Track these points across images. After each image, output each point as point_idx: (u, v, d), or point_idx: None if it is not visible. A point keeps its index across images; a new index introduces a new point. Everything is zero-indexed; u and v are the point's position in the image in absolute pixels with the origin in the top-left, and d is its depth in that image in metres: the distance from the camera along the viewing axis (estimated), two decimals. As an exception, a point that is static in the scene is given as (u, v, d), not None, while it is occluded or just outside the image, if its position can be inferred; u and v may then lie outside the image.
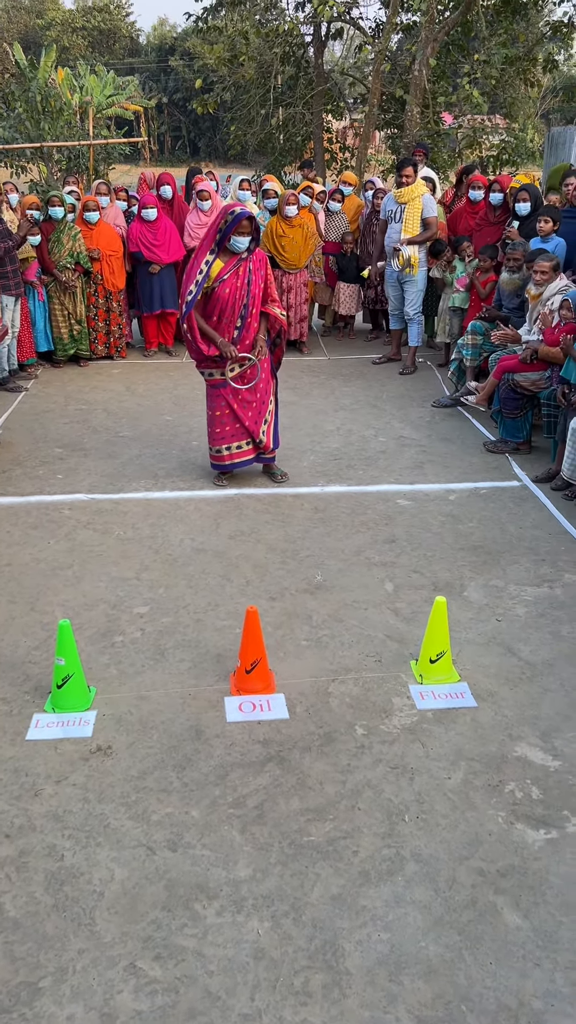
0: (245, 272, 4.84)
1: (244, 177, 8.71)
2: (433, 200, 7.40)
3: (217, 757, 2.95)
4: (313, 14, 15.02)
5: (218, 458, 5.23)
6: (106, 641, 3.65)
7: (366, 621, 3.77)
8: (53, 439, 6.05)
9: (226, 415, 5.11)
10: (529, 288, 5.83)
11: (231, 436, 5.16)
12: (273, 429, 5.26)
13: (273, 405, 5.23)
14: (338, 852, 2.56)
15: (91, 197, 7.68)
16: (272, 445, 5.27)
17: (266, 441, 5.21)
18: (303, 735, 3.06)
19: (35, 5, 45.70)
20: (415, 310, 7.60)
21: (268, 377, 5.14)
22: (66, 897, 2.41)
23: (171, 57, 41.07)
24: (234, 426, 5.13)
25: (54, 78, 21.23)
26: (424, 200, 7.27)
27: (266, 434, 5.19)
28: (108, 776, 2.86)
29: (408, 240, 7.29)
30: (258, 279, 4.89)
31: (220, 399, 5.10)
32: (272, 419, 5.24)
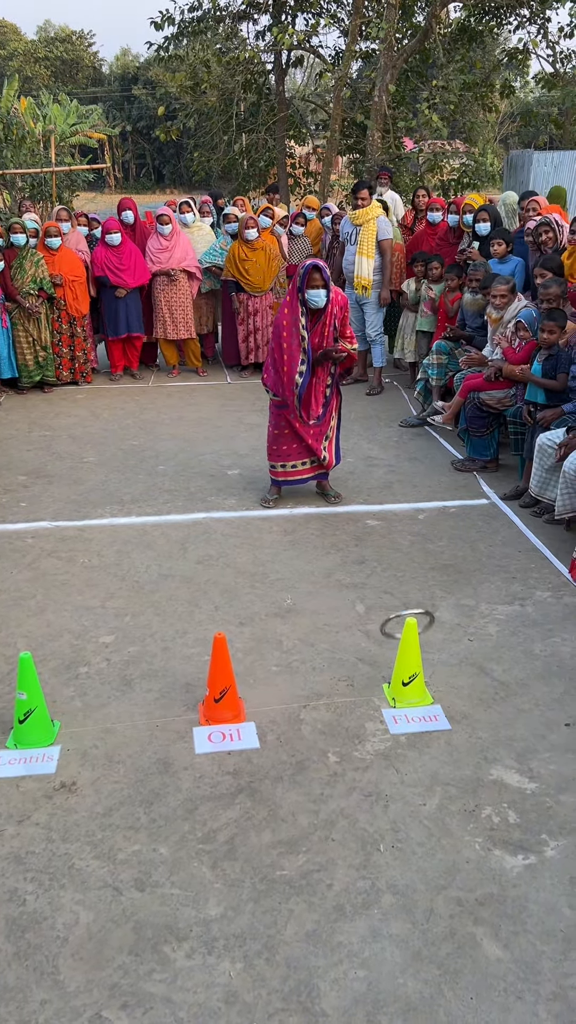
0: (330, 323, 4.84)
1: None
2: (388, 223, 7.44)
3: (185, 791, 2.86)
4: (273, 43, 15.22)
5: (275, 473, 5.23)
6: (70, 673, 3.54)
7: (337, 644, 3.71)
8: (16, 466, 5.94)
9: (286, 434, 5.10)
10: (489, 311, 5.87)
11: (291, 455, 5.14)
12: (335, 445, 5.22)
13: (336, 421, 5.18)
14: (312, 886, 2.47)
15: (52, 223, 7.63)
16: (335, 461, 5.23)
17: (329, 458, 5.18)
18: (274, 764, 2.97)
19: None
20: (376, 331, 7.63)
21: (331, 395, 5.09)
22: (28, 944, 2.30)
23: (134, 86, 41.32)
24: (296, 445, 5.11)
25: (17, 108, 21.25)
26: (379, 223, 7.32)
27: (327, 450, 5.16)
28: (72, 814, 2.76)
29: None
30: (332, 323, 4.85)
31: (282, 418, 5.08)
32: (334, 435, 5.19)
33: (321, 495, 5.36)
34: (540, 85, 15.63)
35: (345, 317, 4.94)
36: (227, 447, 6.35)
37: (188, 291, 8.02)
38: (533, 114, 18.73)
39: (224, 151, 16.59)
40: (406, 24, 14.42)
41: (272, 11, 15.91)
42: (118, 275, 7.70)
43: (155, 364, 8.81)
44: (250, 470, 5.83)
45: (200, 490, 5.51)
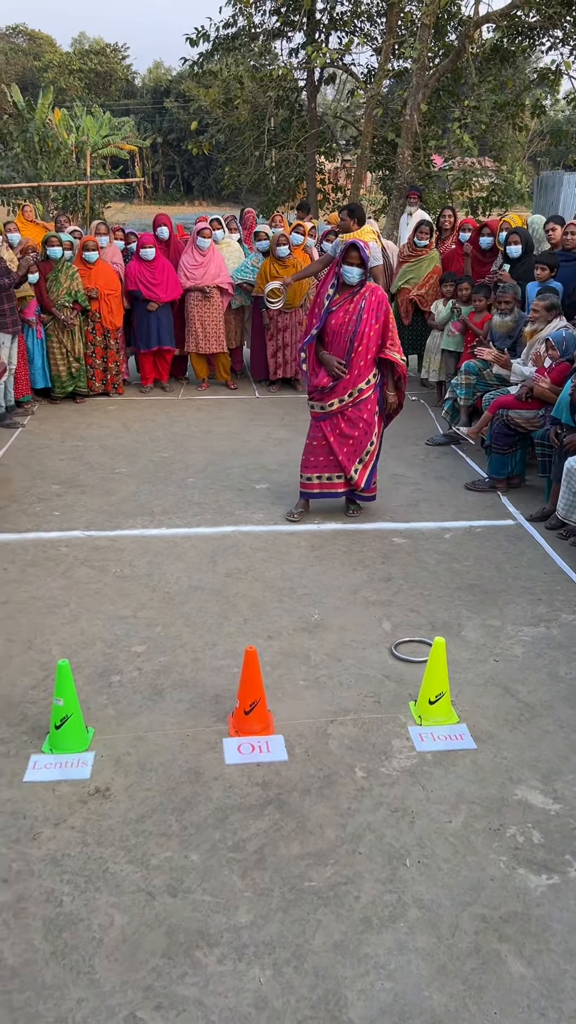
0: (356, 309, 4.96)
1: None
2: (378, 249, 7.41)
3: (216, 800, 2.93)
4: (306, 60, 15.40)
5: (306, 485, 5.33)
6: (104, 681, 3.63)
7: (364, 661, 3.77)
8: (50, 475, 6.07)
9: (321, 446, 5.22)
10: (526, 328, 5.93)
11: (322, 467, 5.25)
12: (369, 471, 5.26)
13: (374, 447, 5.24)
14: (339, 898, 2.54)
15: (91, 237, 7.79)
16: (363, 484, 5.28)
17: (357, 479, 5.24)
18: (302, 777, 3.04)
19: (33, 47, 46.61)
20: None
21: (371, 418, 5.18)
22: (65, 944, 2.38)
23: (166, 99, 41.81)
24: (327, 458, 5.22)
25: (51, 119, 21.63)
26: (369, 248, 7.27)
27: (359, 472, 5.23)
28: (107, 819, 2.84)
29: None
30: (370, 318, 4.97)
31: (318, 430, 5.21)
32: (370, 460, 5.25)
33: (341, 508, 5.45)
34: (571, 105, 15.69)
35: (387, 320, 5.02)
36: (255, 461, 6.44)
37: (220, 306, 8.15)
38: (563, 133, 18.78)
39: (255, 166, 16.77)
40: (439, 44, 14.56)
41: (306, 29, 16.12)
42: (151, 289, 7.84)
43: (185, 377, 8.94)
44: (278, 485, 5.92)
45: (229, 503, 5.60)
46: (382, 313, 5.00)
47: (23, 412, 7.51)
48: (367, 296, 4.99)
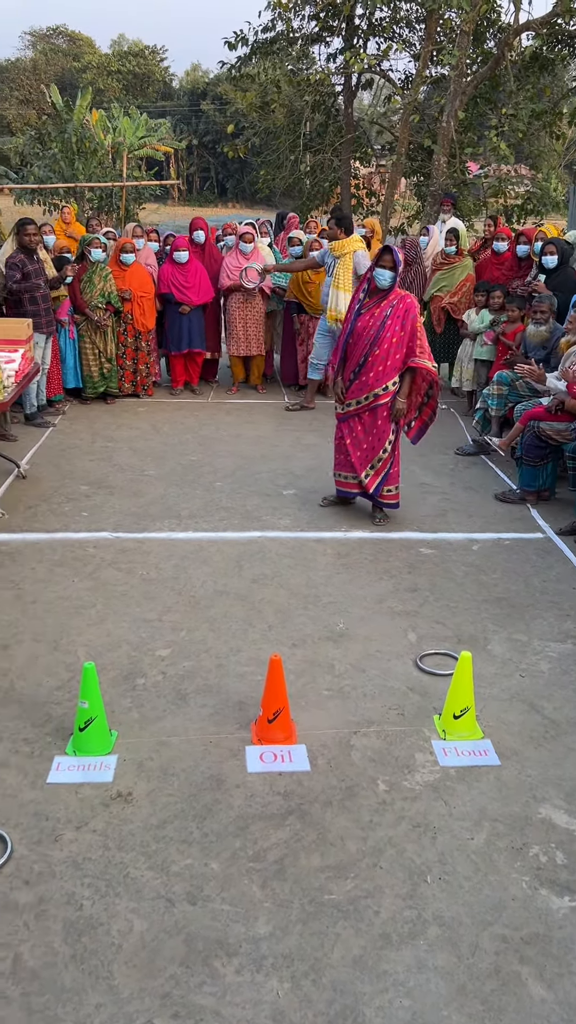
0: (381, 314, 5.01)
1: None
2: (366, 256, 7.30)
3: (237, 808, 2.93)
4: (344, 65, 15.40)
5: (335, 481, 5.53)
6: (128, 684, 3.65)
7: (388, 672, 3.76)
8: (79, 476, 6.11)
9: (341, 445, 5.40)
10: (563, 339, 5.89)
11: (341, 465, 5.45)
12: (381, 476, 5.28)
13: (387, 454, 5.23)
14: (359, 912, 2.52)
15: (128, 239, 7.84)
16: (372, 489, 5.31)
17: (367, 483, 5.31)
18: (324, 789, 3.03)
19: (72, 48, 47.09)
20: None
21: (385, 425, 5.19)
22: (84, 948, 2.39)
23: (203, 101, 42.04)
24: (345, 457, 5.38)
25: (89, 119, 21.82)
26: (356, 257, 7.23)
27: (370, 478, 5.29)
28: (128, 824, 2.85)
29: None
30: (394, 324, 5.00)
31: (339, 431, 5.42)
32: (383, 467, 5.26)
33: (369, 515, 5.44)
34: (610, 114, 15.52)
35: (415, 329, 5.02)
36: (283, 467, 6.45)
37: (262, 309, 8.18)
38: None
39: (290, 170, 16.80)
40: (477, 51, 14.50)
41: (344, 34, 16.12)
42: (183, 292, 7.89)
43: (215, 380, 8.98)
44: (305, 491, 5.92)
45: (256, 509, 5.61)
46: (408, 321, 5.00)
47: (54, 411, 7.57)
48: (395, 303, 5.01)
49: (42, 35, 48.03)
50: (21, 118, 39.42)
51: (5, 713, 3.40)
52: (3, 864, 2.65)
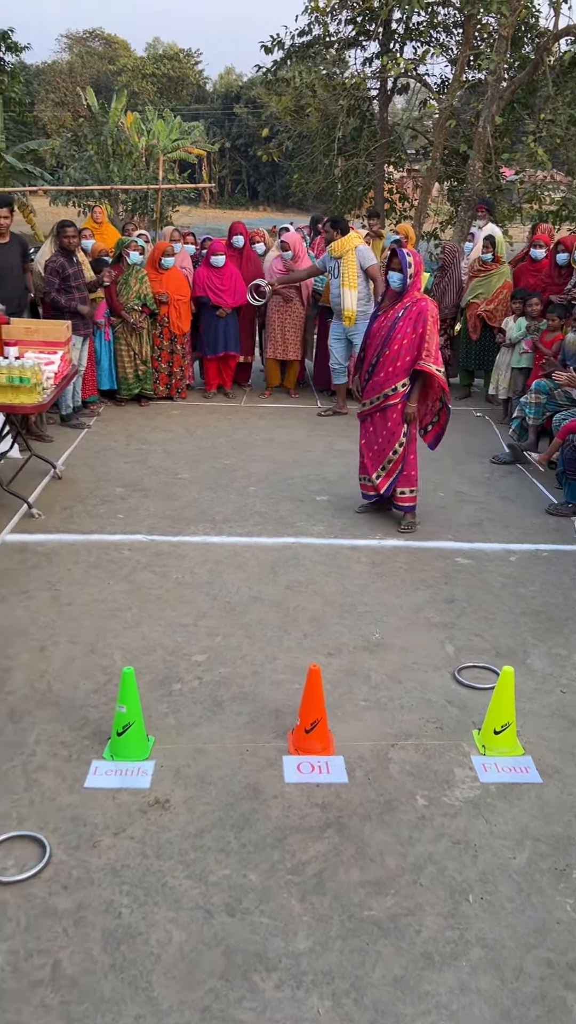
0: (394, 316, 5.07)
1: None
2: (369, 250, 7.40)
3: (275, 819, 2.91)
4: (380, 70, 15.37)
5: (360, 484, 5.58)
6: (164, 689, 3.64)
7: (426, 684, 3.71)
8: (114, 478, 6.12)
9: (361, 446, 5.46)
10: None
11: (361, 468, 5.50)
12: (393, 477, 5.30)
13: (397, 456, 5.24)
14: (400, 930, 2.49)
15: (168, 244, 7.86)
16: (383, 490, 5.36)
17: (378, 484, 5.36)
18: (363, 802, 3.00)
19: (108, 51, 47.47)
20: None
21: (395, 427, 5.21)
22: (123, 957, 2.37)
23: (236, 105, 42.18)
24: (362, 459, 5.44)
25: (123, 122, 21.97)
26: (358, 252, 7.28)
27: (380, 479, 5.34)
28: (166, 831, 2.83)
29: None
30: (405, 326, 5.03)
31: (360, 432, 5.48)
32: (394, 468, 5.28)
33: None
34: None
35: (425, 332, 5.01)
36: (317, 472, 6.42)
37: (302, 313, 8.17)
38: None
39: (324, 174, 16.78)
40: (515, 56, 14.40)
41: (381, 39, 16.09)
42: (218, 295, 7.90)
43: (248, 384, 8.97)
44: (339, 498, 5.88)
45: (289, 514, 5.59)
46: (420, 324, 5.02)
47: (89, 413, 7.61)
48: (408, 305, 5.05)
49: (78, 38, 48.49)
50: (56, 120, 39.80)
51: (43, 715, 3.41)
52: (42, 868, 2.65)
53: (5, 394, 4.90)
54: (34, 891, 2.57)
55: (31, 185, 17.59)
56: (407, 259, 4.98)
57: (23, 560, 4.77)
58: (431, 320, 5.02)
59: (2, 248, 6.67)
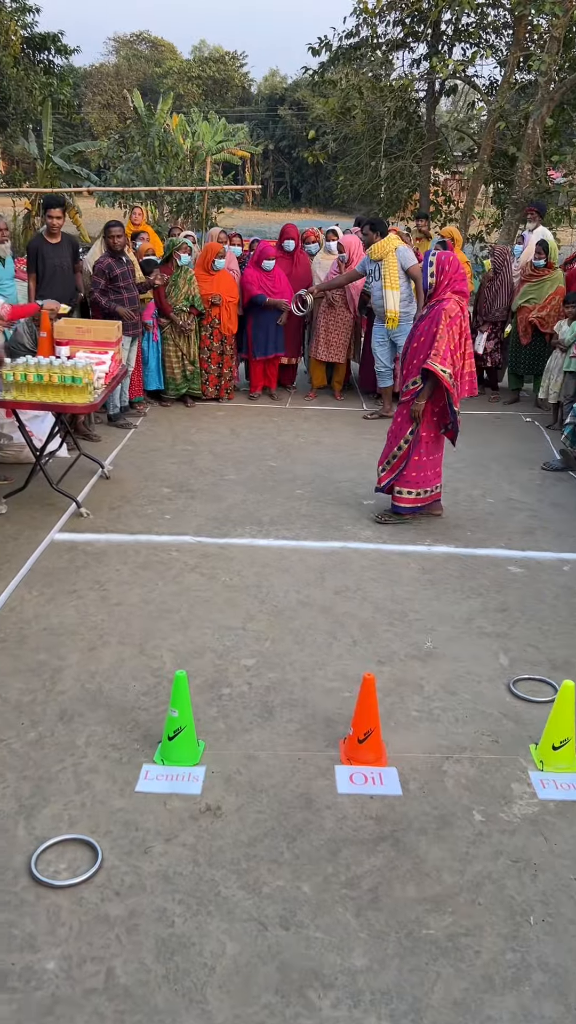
0: (422, 315, 5.17)
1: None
2: (409, 250, 7.31)
3: (328, 830, 2.85)
4: (428, 71, 15.26)
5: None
6: (214, 692, 3.60)
7: (480, 696, 3.63)
8: (161, 478, 6.12)
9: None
10: None
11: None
12: (394, 474, 5.34)
13: (401, 452, 5.27)
14: (459, 950, 2.42)
15: (219, 246, 7.86)
16: (382, 485, 5.44)
17: (381, 477, 5.45)
18: (418, 815, 2.93)
19: (154, 55, 47.85)
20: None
21: (404, 423, 5.27)
22: (177, 968, 2.33)
23: (280, 107, 42.25)
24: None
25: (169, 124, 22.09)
26: (399, 253, 7.18)
27: (384, 472, 5.42)
28: (218, 839, 2.79)
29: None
30: (424, 325, 5.08)
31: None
32: (396, 464, 5.32)
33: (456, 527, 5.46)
34: None
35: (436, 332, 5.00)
36: (363, 476, 6.35)
37: (347, 317, 8.12)
38: None
39: (370, 176, 16.70)
40: (566, 57, 14.19)
41: (430, 40, 15.97)
42: (273, 296, 7.87)
43: (293, 386, 8.93)
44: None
45: (336, 518, 5.53)
46: (434, 324, 5.01)
47: (135, 413, 7.63)
48: (433, 305, 5.08)
49: (126, 41, 48.95)
50: (103, 122, 40.21)
51: (93, 717, 3.39)
52: (94, 873, 2.62)
53: (57, 393, 4.91)
54: (86, 896, 2.55)
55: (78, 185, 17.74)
56: (430, 268, 5.01)
57: (72, 559, 4.78)
58: (445, 320, 4.98)
59: (54, 248, 6.72)
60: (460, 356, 5.11)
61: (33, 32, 21.26)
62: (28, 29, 21.05)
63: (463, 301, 5.11)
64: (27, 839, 2.75)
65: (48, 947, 2.37)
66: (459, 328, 5.05)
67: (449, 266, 5.01)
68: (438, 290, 5.05)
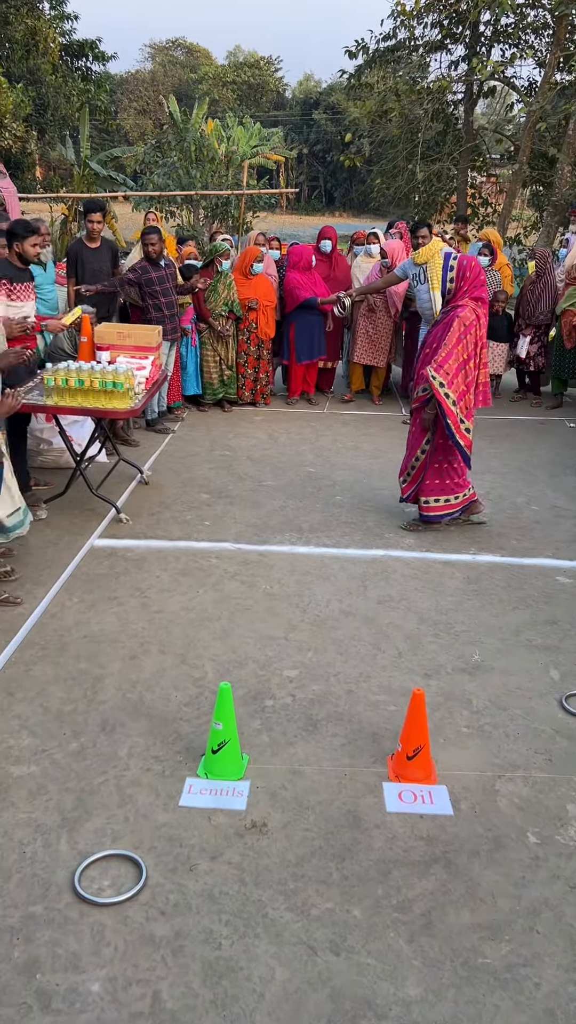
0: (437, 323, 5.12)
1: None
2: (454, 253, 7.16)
3: (378, 851, 2.76)
4: (468, 72, 15.10)
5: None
6: (256, 704, 3.53)
7: (531, 712, 3.52)
8: (199, 484, 6.07)
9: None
10: None
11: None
12: (415, 485, 5.28)
13: (419, 463, 5.20)
14: (518, 982, 2.31)
15: (259, 250, 7.81)
16: (405, 496, 5.38)
17: (403, 488, 5.38)
18: (470, 837, 2.83)
19: (190, 60, 48.13)
20: None
21: (418, 432, 5.18)
22: (225, 993, 2.26)
23: (315, 111, 42.24)
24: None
25: (204, 129, 22.14)
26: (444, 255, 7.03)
27: (406, 483, 5.35)
28: (264, 857, 2.72)
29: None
30: (438, 331, 5.01)
31: None
32: (416, 475, 5.24)
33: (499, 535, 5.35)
34: None
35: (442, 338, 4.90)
36: (404, 482, 6.24)
37: (388, 321, 8.02)
38: None
39: (407, 179, 16.57)
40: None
41: (468, 41, 15.82)
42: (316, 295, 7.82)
43: (331, 391, 8.85)
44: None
45: (377, 525, 5.44)
46: (443, 328, 4.95)
47: (173, 418, 7.59)
48: (448, 312, 4.99)
49: (161, 47, 49.29)
50: (138, 128, 40.50)
51: (135, 727, 3.33)
52: (138, 891, 2.56)
53: (98, 399, 4.88)
54: (131, 915, 2.49)
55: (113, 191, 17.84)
56: (449, 274, 4.92)
57: (112, 565, 4.74)
58: (459, 328, 4.87)
59: (94, 252, 6.72)
60: (475, 366, 4.99)
61: (71, 39, 21.49)
62: (66, 36, 21.27)
63: (480, 308, 4.96)
64: (70, 854, 2.70)
65: (93, 968, 2.31)
66: (474, 337, 4.93)
67: (471, 271, 4.89)
68: (457, 295, 4.95)
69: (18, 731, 3.30)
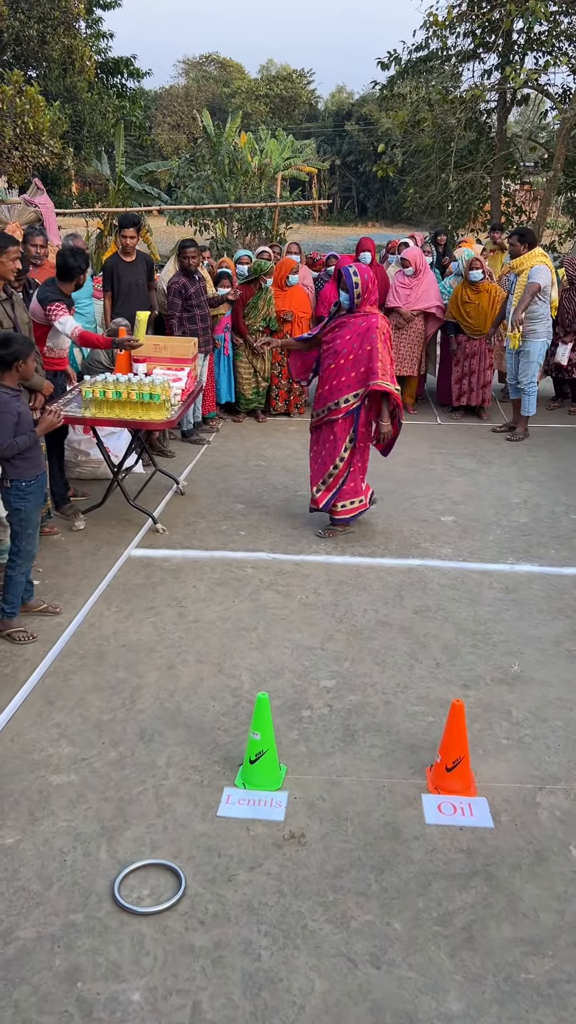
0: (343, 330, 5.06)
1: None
2: (542, 270, 7.03)
3: (417, 863, 2.74)
4: (501, 81, 15.05)
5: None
6: (294, 714, 3.53)
7: (572, 723, 3.47)
8: (234, 494, 6.10)
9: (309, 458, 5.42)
10: None
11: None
12: (332, 492, 5.24)
13: (338, 470, 5.19)
14: (562, 999, 2.27)
15: (294, 261, 7.84)
16: (321, 505, 5.27)
17: (317, 498, 5.28)
18: (511, 850, 2.79)
19: (223, 75, 48.59)
20: (527, 381, 7.32)
21: (337, 442, 5.17)
22: (265, 1005, 2.25)
23: (347, 122, 42.38)
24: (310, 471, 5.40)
25: (237, 142, 22.34)
26: (532, 271, 6.98)
27: (321, 492, 5.27)
28: (303, 869, 2.71)
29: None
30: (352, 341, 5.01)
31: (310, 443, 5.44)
32: (334, 482, 5.24)
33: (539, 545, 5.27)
34: None
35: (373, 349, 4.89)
36: (439, 492, 6.22)
37: (421, 331, 8.01)
38: None
39: (440, 188, 16.54)
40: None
41: (501, 50, 15.76)
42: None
43: (365, 400, 8.83)
44: (465, 518, 5.67)
45: (413, 535, 5.41)
46: (368, 341, 4.91)
47: (208, 428, 7.64)
48: (359, 321, 4.95)
49: (195, 63, 49.85)
50: (172, 142, 40.97)
51: (173, 737, 3.35)
52: (177, 901, 2.56)
53: (135, 410, 4.93)
54: (170, 924, 2.50)
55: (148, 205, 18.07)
56: (353, 279, 4.88)
57: (148, 575, 4.78)
58: (380, 337, 4.90)
59: (129, 266, 6.80)
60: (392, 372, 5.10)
61: (107, 57, 21.83)
62: (102, 54, 21.61)
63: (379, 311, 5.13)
64: (109, 863, 2.71)
65: (133, 977, 2.32)
66: (391, 343, 5.10)
67: (372, 282, 4.98)
68: (362, 305, 4.98)
69: (58, 740, 3.34)
